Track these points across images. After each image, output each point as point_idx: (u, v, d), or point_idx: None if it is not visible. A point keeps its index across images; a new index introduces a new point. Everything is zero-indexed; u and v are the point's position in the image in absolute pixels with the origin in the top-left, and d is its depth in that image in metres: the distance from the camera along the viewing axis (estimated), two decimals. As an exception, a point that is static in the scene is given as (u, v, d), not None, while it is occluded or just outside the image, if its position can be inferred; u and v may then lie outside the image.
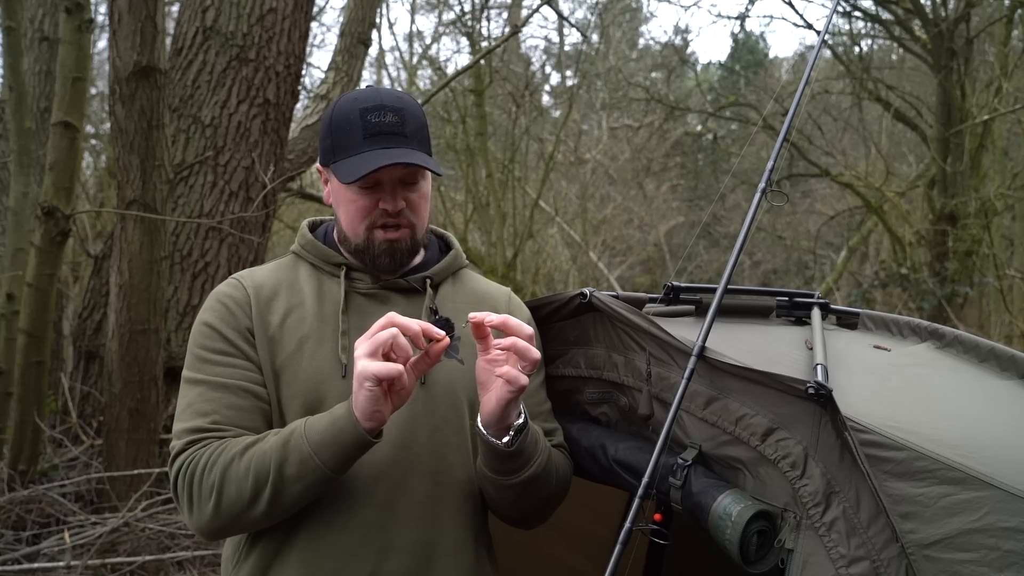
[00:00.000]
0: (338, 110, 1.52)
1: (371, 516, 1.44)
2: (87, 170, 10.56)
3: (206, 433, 1.44)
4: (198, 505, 1.40)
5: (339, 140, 1.50)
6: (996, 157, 10.22)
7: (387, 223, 1.51)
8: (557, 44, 15.83)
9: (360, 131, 1.48)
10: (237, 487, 1.37)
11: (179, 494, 1.43)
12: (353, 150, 1.48)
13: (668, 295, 1.86)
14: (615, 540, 1.34)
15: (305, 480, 1.36)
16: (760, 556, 1.32)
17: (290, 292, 1.55)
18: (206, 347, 1.50)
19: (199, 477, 1.39)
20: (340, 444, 1.34)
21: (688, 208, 16.73)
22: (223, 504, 1.38)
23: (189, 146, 5.09)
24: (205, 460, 1.40)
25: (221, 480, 1.38)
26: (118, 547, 4.09)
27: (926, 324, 1.91)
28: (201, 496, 1.39)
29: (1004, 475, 1.21)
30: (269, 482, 1.36)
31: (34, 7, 6.34)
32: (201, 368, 1.49)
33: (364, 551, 1.44)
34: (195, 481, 1.39)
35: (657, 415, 1.54)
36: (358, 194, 1.50)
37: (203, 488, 1.39)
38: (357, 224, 1.52)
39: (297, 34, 5.33)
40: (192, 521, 1.43)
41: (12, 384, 4.99)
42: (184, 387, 1.50)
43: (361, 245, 1.53)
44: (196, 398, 1.47)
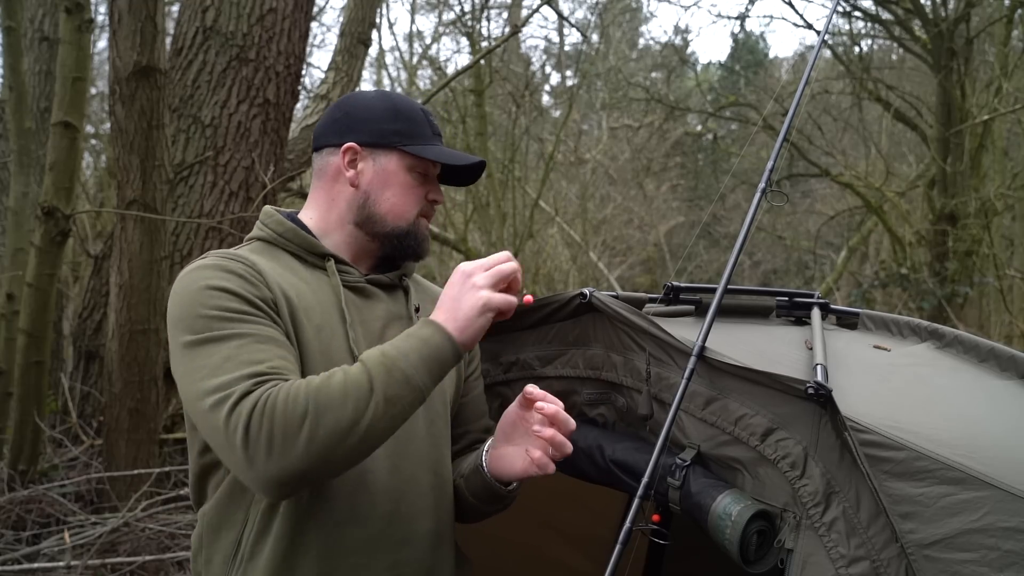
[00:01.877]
0: (401, 101, 1.59)
1: (389, 508, 1.45)
2: (87, 170, 10.56)
3: (269, 376, 1.29)
4: (283, 443, 1.23)
5: (409, 128, 1.54)
6: (996, 157, 10.22)
7: (430, 213, 1.59)
8: (557, 44, 15.85)
9: (427, 127, 1.56)
10: (334, 415, 1.25)
11: (254, 437, 1.24)
12: (426, 140, 1.55)
13: (668, 295, 1.86)
14: (615, 540, 1.34)
15: (404, 402, 1.30)
16: (760, 556, 1.32)
17: (288, 276, 1.47)
18: (228, 308, 1.35)
19: (283, 409, 1.24)
20: (440, 363, 1.34)
21: (688, 208, 16.73)
22: (318, 435, 1.24)
23: (189, 146, 5.09)
24: (287, 393, 1.25)
25: (315, 408, 1.24)
26: (118, 547, 4.09)
27: (926, 324, 1.91)
28: (287, 431, 1.23)
29: (1004, 475, 1.21)
30: (371, 406, 1.27)
31: (34, 7, 6.34)
32: (228, 326, 1.33)
33: (385, 543, 1.45)
34: (278, 415, 1.24)
35: (656, 415, 1.54)
36: (417, 182, 1.55)
37: (290, 421, 1.23)
38: (410, 209, 1.55)
39: (297, 34, 5.33)
40: (271, 466, 1.24)
41: (12, 384, 4.99)
42: (203, 348, 1.32)
43: (405, 229, 1.55)
44: (236, 351, 1.31)
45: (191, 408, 1.34)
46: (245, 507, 1.43)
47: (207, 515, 1.47)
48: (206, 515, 1.47)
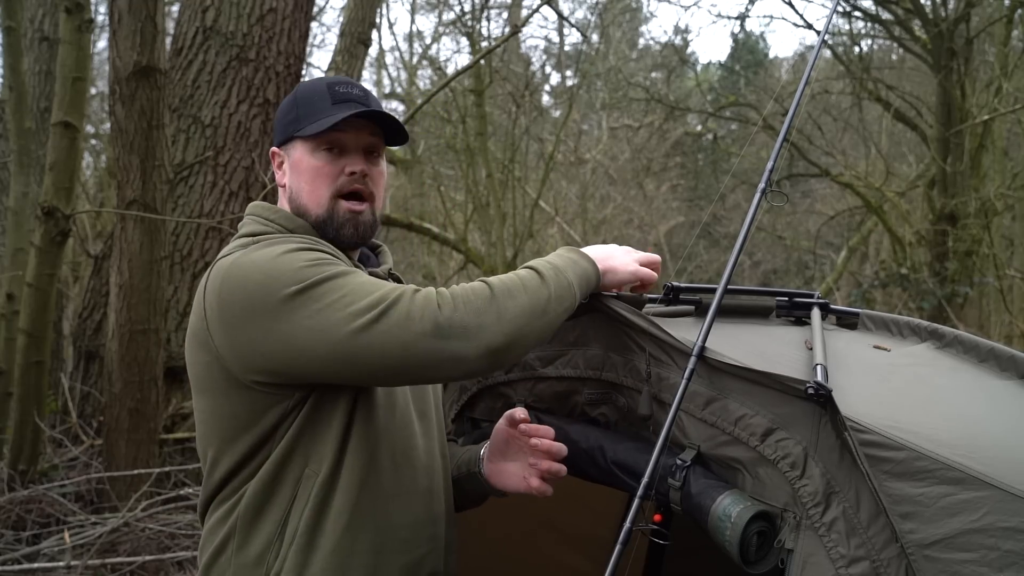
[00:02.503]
0: (303, 88, 1.57)
1: (427, 485, 1.51)
2: (87, 170, 10.56)
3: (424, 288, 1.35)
4: (479, 318, 1.30)
5: (305, 109, 1.51)
6: (996, 157, 10.22)
7: (352, 190, 1.50)
8: (557, 44, 15.85)
9: (328, 99, 1.49)
10: (517, 299, 1.34)
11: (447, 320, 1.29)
12: (321, 115, 1.48)
13: (668, 295, 1.85)
14: (615, 540, 1.34)
15: (565, 304, 1.42)
16: (760, 556, 1.32)
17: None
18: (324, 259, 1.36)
19: (468, 294, 1.32)
20: (588, 285, 1.48)
21: (688, 208, 16.73)
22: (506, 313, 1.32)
23: (189, 146, 5.09)
24: (462, 285, 1.35)
25: (499, 291, 1.34)
26: (118, 547, 4.09)
27: (926, 324, 1.91)
28: (479, 309, 1.31)
29: (1004, 475, 1.21)
30: (544, 296, 1.37)
31: (34, 7, 6.34)
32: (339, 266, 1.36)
33: (425, 519, 1.50)
34: (463, 298, 1.31)
35: (656, 415, 1.54)
36: (325, 159, 1.50)
37: (478, 301, 1.31)
38: (322, 191, 1.50)
39: (297, 34, 5.33)
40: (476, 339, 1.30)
41: (12, 384, 4.99)
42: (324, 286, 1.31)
43: (323, 215, 1.50)
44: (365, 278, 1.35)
45: (335, 338, 1.29)
46: (293, 485, 1.40)
47: (246, 498, 1.41)
48: (245, 498, 1.41)
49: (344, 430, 1.41)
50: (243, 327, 1.35)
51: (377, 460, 1.43)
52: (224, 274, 1.39)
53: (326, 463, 1.39)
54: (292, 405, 1.39)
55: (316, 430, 1.40)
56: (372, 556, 1.42)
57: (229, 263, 1.40)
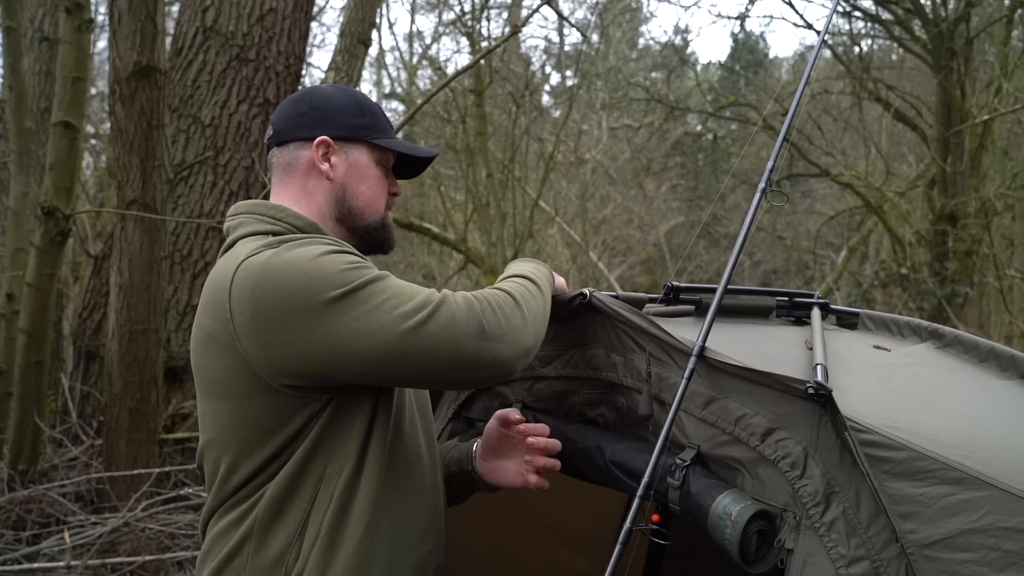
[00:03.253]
0: (361, 96, 1.64)
1: (433, 481, 1.54)
2: (87, 170, 10.57)
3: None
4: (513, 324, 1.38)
5: (376, 122, 1.59)
6: (996, 157, 10.22)
7: (392, 206, 1.64)
8: (557, 44, 15.85)
9: (387, 120, 1.62)
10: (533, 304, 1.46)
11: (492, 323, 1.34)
12: (391, 134, 1.61)
13: (668, 295, 1.86)
14: (615, 540, 1.34)
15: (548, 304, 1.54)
16: (760, 556, 1.32)
17: None
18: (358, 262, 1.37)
19: (500, 300, 1.40)
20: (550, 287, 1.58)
21: (688, 208, 16.73)
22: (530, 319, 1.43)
23: (189, 146, 5.09)
24: (489, 291, 1.43)
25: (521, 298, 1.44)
26: (118, 547, 4.09)
27: (926, 324, 1.91)
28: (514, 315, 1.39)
29: (1004, 475, 1.21)
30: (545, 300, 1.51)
31: (34, 7, 6.35)
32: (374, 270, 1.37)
33: (432, 513, 1.53)
34: (499, 304, 1.38)
35: (656, 415, 1.54)
36: (382, 174, 1.60)
37: (509, 308, 1.40)
38: (380, 201, 1.59)
39: (297, 34, 5.33)
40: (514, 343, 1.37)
41: (12, 384, 4.99)
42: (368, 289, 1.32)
43: (378, 221, 1.59)
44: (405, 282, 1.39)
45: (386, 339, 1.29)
46: (313, 486, 1.38)
47: (265, 500, 1.38)
48: (264, 500, 1.38)
49: (367, 429, 1.42)
50: (282, 330, 1.31)
51: (394, 458, 1.46)
52: (257, 275, 1.34)
53: (349, 463, 1.39)
54: (320, 407, 1.38)
55: (339, 430, 1.40)
56: (389, 554, 1.43)
57: (261, 264, 1.35)
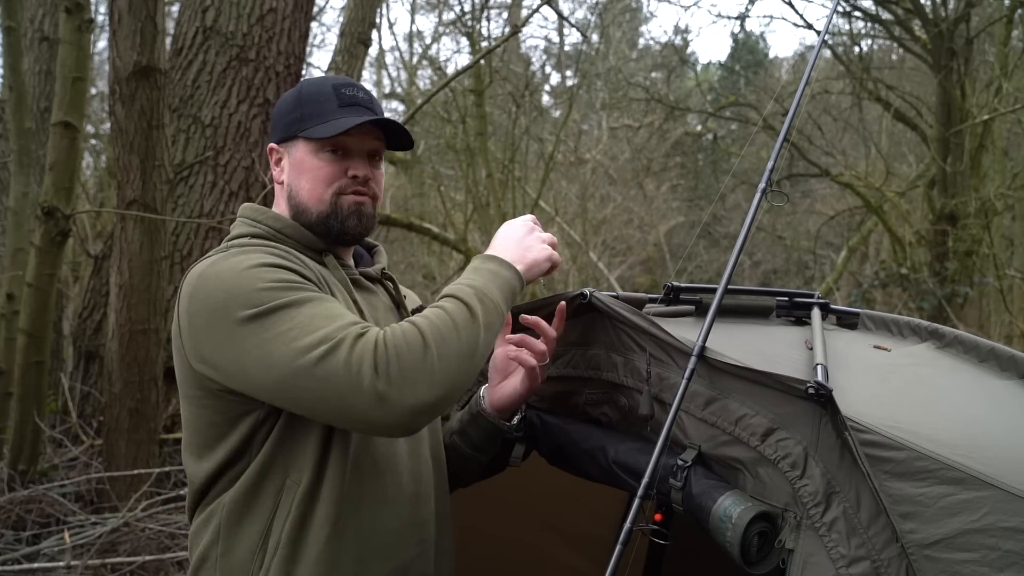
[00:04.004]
0: (307, 87, 1.55)
1: (413, 490, 1.50)
2: (87, 170, 10.56)
3: (360, 324, 1.30)
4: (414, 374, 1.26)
5: (310, 110, 1.51)
6: (996, 157, 10.22)
7: (356, 190, 1.52)
8: (557, 44, 15.84)
9: (334, 101, 1.50)
10: (454, 343, 1.29)
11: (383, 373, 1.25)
12: (328, 116, 1.49)
13: (668, 295, 1.86)
14: (615, 540, 1.34)
15: (495, 328, 1.39)
16: (761, 557, 1.32)
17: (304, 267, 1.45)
18: (288, 280, 1.34)
19: (406, 343, 1.27)
20: (512, 294, 1.44)
21: (688, 208, 16.73)
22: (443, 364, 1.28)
23: (189, 146, 5.09)
24: (402, 330, 1.28)
25: (435, 339, 1.28)
26: (118, 547, 4.09)
27: (926, 324, 1.91)
28: (415, 362, 1.26)
29: (1004, 475, 1.21)
30: (479, 333, 1.34)
31: (34, 7, 6.35)
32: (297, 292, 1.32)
33: (412, 523, 1.49)
34: (403, 349, 1.26)
35: (657, 416, 1.54)
36: (327, 160, 1.50)
37: (415, 353, 1.26)
38: (323, 190, 1.50)
39: (297, 34, 5.33)
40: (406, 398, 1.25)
41: (12, 384, 4.99)
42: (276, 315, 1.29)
43: (326, 211, 1.50)
44: (320, 309, 1.31)
45: (279, 375, 1.28)
46: (274, 495, 1.39)
47: (227, 506, 1.41)
48: (225, 506, 1.41)
49: (324, 440, 1.40)
50: (205, 338, 1.35)
51: (359, 468, 1.42)
52: (194, 283, 1.39)
53: (307, 473, 1.38)
54: (265, 415, 1.38)
55: (295, 440, 1.39)
56: (357, 564, 1.41)
57: (199, 272, 1.40)
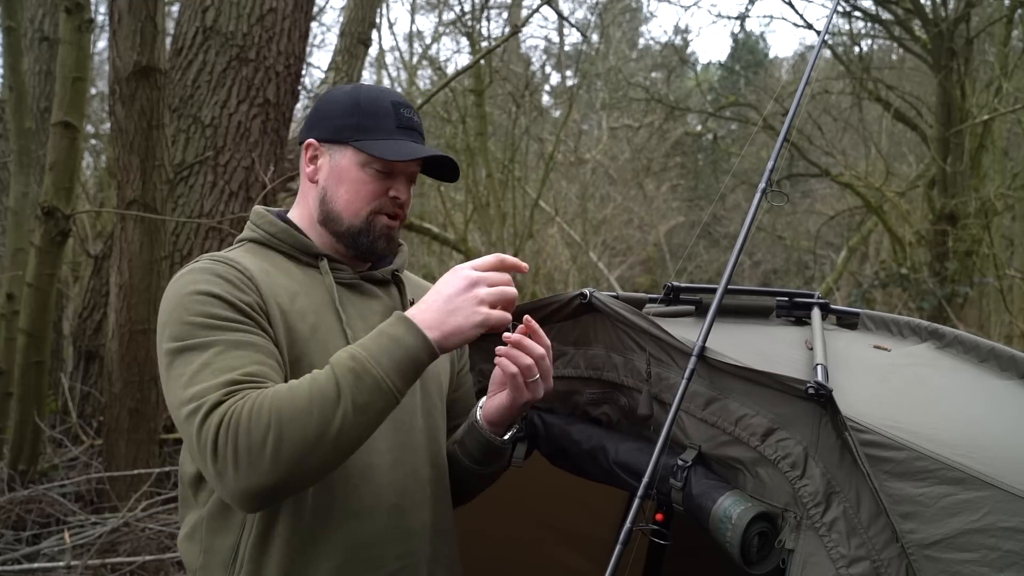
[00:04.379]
0: (366, 95, 1.53)
1: (393, 502, 1.46)
2: (87, 170, 10.56)
3: (242, 384, 1.27)
4: (248, 457, 1.22)
5: (369, 122, 1.50)
6: (996, 157, 10.22)
7: (393, 212, 1.53)
8: (557, 44, 15.84)
9: (393, 120, 1.50)
10: (301, 426, 1.22)
11: (221, 452, 1.23)
12: (386, 134, 1.49)
13: (668, 295, 1.86)
14: (615, 540, 1.34)
15: (375, 408, 1.27)
16: (761, 557, 1.32)
17: (281, 278, 1.47)
18: (212, 315, 1.34)
19: (248, 423, 1.22)
20: (414, 366, 1.30)
21: (688, 208, 16.73)
22: (283, 448, 1.22)
23: (189, 146, 5.08)
24: (251, 406, 1.23)
25: (278, 420, 1.22)
26: (118, 547, 4.09)
27: (926, 324, 1.91)
28: (252, 445, 1.22)
29: (1004, 475, 1.21)
30: (338, 415, 1.23)
31: (34, 7, 6.34)
32: (210, 333, 1.32)
33: (394, 535, 1.46)
34: (242, 429, 1.22)
35: (657, 415, 1.54)
36: (373, 177, 1.50)
37: (254, 434, 1.22)
38: (361, 206, 1.51)
39: (297, 34, 5.32)
40: (240, 481, 1.23)
41: (12, 384, 4.99)
42: (183, 356, 1.31)
43: (358, 226, 1.51)
44: (213, 357, 1.30)
45: (173, 416, 1.33)
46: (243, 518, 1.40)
47: (204, 520, 1.43)
48: (203, 520, 1.43)
49: None
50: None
51: (328, 480, 1.37)
52: (165, 292, 1.44)
53: None
54: None
55: None
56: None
57: (172, 281, 1.44)
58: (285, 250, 1.52)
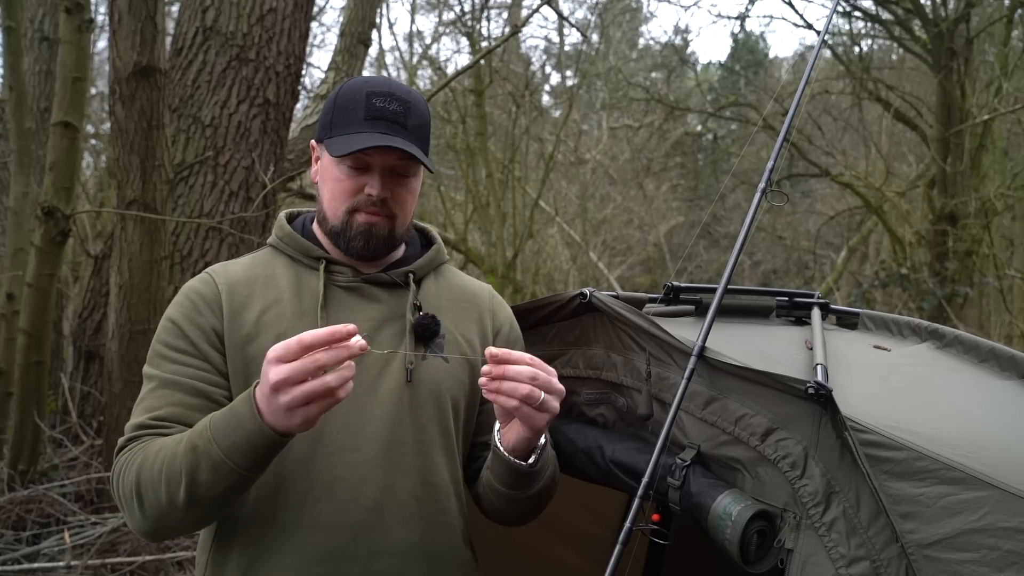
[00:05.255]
0: (345, 88, 1.50)
1: (359, 518, 1.41)
2: (87, 170, 10.56)
3: (146, 430, 1.38)
4: (127, 506, 1.36)
5: (339, 116, 1.47)
6: (996, 157, 10.22)
7: (370, 209, 1.47)
8: (557, 44, 15.84)
9: (362, 111, 1.45)
10: (153, 491, 1.31)
11: (115, 494, 1.39)
12: (350, 128, 1.45)
13: (668, 295, 1.86)
14: (615, 540, 1.34)
15: (221, 484, 1.27)
16: (760, 556, 1.32)
17: (266, 288, 1.49)
18: (166, 343, 1.45)
19: (121, 479, 1.36)
20: (252, 447, 1.24)
21: (688, 208, 16.73)
22: (145, 507, 1.32)
23: (189, 146, 5.08)
24: (129, 462, 1.35)
25: (137, 483, 1.32)
26: (118, 547, 4.09)
27: (926, 324, 1.91)
28: (124, 499, 1.36)
29: (1004, 475, 1.21)
30: (183, 488, 1.27)
31: (34, 7, 6.34)
32: (158, 364, 1.44)
33: (353, 554, 1.41)
34: (118, 483, 1.37)
35: (656, 415, 1.54)
36: (346, 174, 1.47)
37: (124, 490, 1.35)
38: (339, 204, 1.48)
39: (297, 34, 5.32)
40: (128, 520, 1.38)
41: (12, 384, 4.99)
42: (144, 383, 1.46)
43: (338, 226, 1.49)
44: (147, 394, 1.43)
45: None
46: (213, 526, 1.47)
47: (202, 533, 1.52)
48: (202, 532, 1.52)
49: None
50: None
51: (285, 494, 1.40)
52: None
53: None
54: None
55: None
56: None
57: None
58: (291, 254, 1.54)
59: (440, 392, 1.50)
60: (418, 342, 1.50)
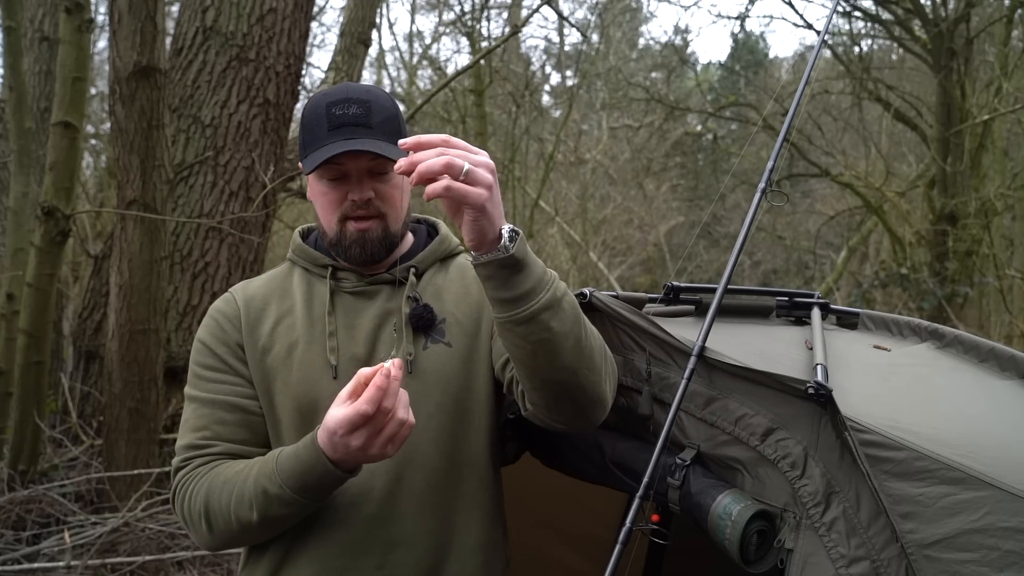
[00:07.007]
0: (308, 106, 1.51)
1: (372, 511, 1.46)
2: (87, 170, 10.56)
3: (197, 451, 1.50)
4: (194, 527, 1.47)
5: (307, 135, 1.49)
6: (996, 157, 10.22)
7: (357, 214, 1.49)
8: (557, 44, 15.84)
9: (325, 124, 1.46)
10: (224, 521, 1.42)
11: (178, 511, 1.50)
12: (318, 143, 1.46)
13: (668, 295, 1.86)
14: (615, 540, 1.34)
15: (292, 514, 1.41)
16: (760, 556, 1.32)
17: (281, 299, 1.57)
18: (200, 363, 1.55)
19: (188, 504, 1.46)
20: (323, 487, 1.37)
21: (688, 208, 16.73)
22: (215, 531, 1.44)
23: (189, 146, 5.09)
24: (193, 490, 1.46)
25: (205, 512, 1.43)
26: (118, 547, 4.09)
27: (926, 324, 1.91)
28: (193, 520, 1.46)
29: (1004, 475, 1.21)
30: (255, 519, 1.40)
31: (34, 7, 6.34)
32: (196, 384, 1.54)
33: (369, 546, 1.46)
34: (186, 508, 1.47)
35: (656, 415, 1.54)
36: (328, 187, 1.49)
37: (193, 515, 1.46)
38: (330, 216, 1.51)
39: (297, 34, 5.33)
40: (193, 539, 1.51)
41: (12, 384, 4.99)
42: (185, 404, 1.56)
43: (334, 238, 1.52)
44: (191, 415, 1.53)
45: None
46: None
47: None
48: None
49: None
50: None
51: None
52: None
53: None
54: None
55: None
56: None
57: None
58: (304, 265, 1.60)
59: (446, 378, 1.51)
60: (417, 333, 1.52)
